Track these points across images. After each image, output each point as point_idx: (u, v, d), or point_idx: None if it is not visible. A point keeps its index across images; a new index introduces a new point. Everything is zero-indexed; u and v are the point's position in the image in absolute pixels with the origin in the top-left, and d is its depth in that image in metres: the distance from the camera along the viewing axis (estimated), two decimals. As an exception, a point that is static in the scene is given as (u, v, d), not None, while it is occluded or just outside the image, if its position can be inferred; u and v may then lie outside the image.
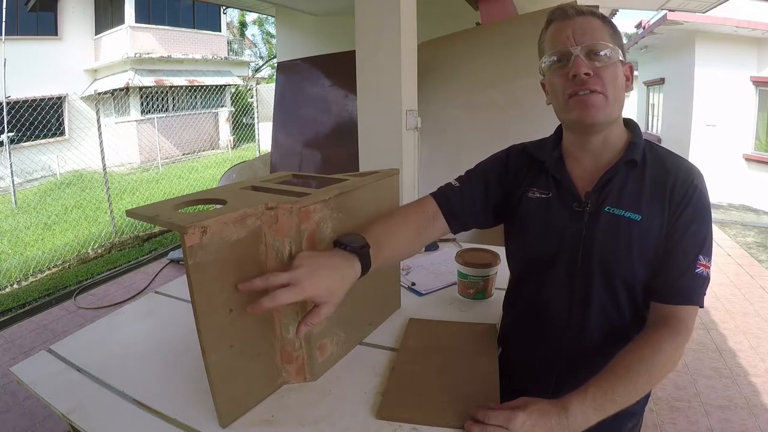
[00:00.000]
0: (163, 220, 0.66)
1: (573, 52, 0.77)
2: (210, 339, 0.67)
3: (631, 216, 0.78)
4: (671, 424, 2.06)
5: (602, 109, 0.77)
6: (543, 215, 0.86)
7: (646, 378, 0.70)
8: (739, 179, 6.93)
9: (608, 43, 0.77)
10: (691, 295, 0.76)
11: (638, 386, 0.69)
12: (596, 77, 0.76)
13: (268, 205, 0.72)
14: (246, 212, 0.69)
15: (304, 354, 0.81)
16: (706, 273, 0.77)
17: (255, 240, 0.72)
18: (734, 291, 3.44)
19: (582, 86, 0.77)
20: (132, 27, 10.88)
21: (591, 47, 0.76)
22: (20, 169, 8.15)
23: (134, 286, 3.84)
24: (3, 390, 2.38)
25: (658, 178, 0.79)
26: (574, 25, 0.78)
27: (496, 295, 1.15)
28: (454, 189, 0.93)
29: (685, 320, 0.75)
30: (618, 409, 0.68)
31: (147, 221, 0.69)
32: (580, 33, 0.77)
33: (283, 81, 4.41)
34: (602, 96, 0.77)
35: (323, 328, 0.84)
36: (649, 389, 0.73)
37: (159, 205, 0.75)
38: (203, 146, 12.57)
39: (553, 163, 0.87)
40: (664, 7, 4.87)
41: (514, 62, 2.87)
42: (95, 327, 1.07)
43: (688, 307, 0.76)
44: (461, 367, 0.86)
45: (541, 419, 0.66)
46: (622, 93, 0.80)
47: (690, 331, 0.75)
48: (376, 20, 2.13)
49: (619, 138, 0.83)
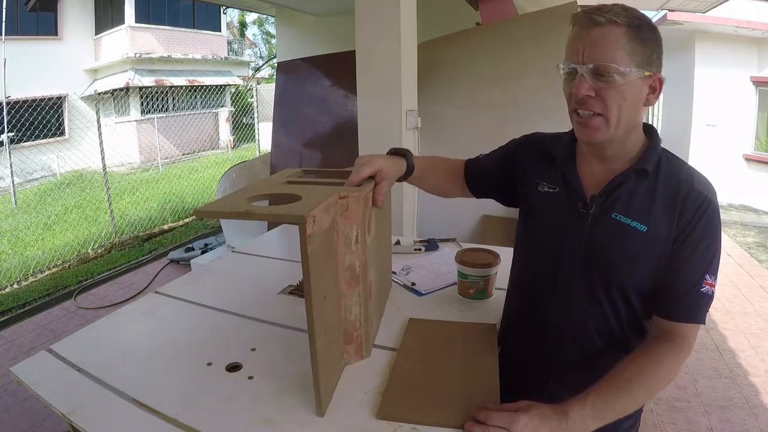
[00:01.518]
0: (273, 213, 0.71)
1: (579, 71, 0.74)
2: (316, 327, 0.69)
3: (637, 226, 0.77)
4: (671, 424, 2.06)
5: (601, 132, 0.76)
6: (551, 210, 0.87)
7: (645, 390, 0.71)
8: (739, 179, 6.92)
9: (619, 65, 0.71)
10: (696, 314, 0.76)
11: (637, 397, 0.71)
12: (598, 99, 0.73)
13: (341, 194, 0.78)
14: (329, 202, 0.74)
15: (363, 333, 0.86)
16: (711, 292, 0.76)
17: (331, 228, 0.77)
18: (734, 291, 3.44)
19: (582, 107, 0.75)
20: (132, 27, 10.87)
21: (597, 68, 0.72)
22: (20, 169, 8.15)
23: (134, 286, 3.84)
24: (3, 390, 2.38)
25: (670, 190, 0.77)
26: (587, 38, 0.73)
27: (496, 295, 1.15)
28: (479, 159, 1.06)
29: (687, 337, 0.76)
30: (616, 418, 0.70)
31: (243, 218, 0.69)
32: (590, 49, 0.72)
33: (283, 81, 4.41)
34: (602, 119, 0.74)
35: (371, 306, 0.91)
36: (647, 400, 0.75)
37: (231, 199, 0.78)
38: (203, 146, 12.56)
39: (564, 159, 0.87)
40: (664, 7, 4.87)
41: (514, 62, 2.87)
42: (95, 327, 1.07)
43: (691, 325, 0.76)
44: (461, 367, 0.86)
45: (542, 423, 0.66)
46: (634, 111, 0.76)
47: (691, 347, 0.76)
48: (376, 20, 2.13)
49: (635, 145, 0.81)
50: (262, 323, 1.06)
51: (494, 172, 1.01)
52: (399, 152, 0.97)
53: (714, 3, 4.19)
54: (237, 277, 1.34)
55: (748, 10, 6.51)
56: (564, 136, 0.91)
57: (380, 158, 0.91)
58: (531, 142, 0.96)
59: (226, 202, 0.76)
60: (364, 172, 0.87)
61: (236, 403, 0.78)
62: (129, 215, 5.90)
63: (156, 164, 9.98)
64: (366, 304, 0.87)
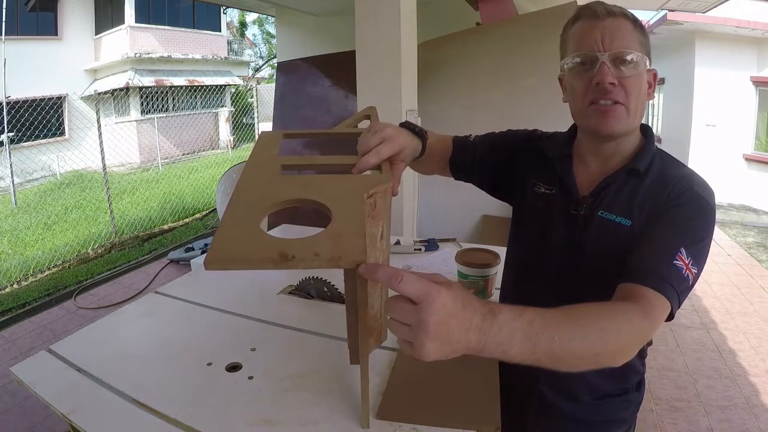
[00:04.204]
0: (322, 258, 0.54)
1: (600, 58, 0.72)
2: (363, 342, 0.66)
3: (621, 221, 0.76)
4: (671, 424, 2.06)
5: (623, 121, 0.75)
6: (545, 211, 0.86)
7: (597, 336, 0.56)
8: (739, 179, 6.92)
9: (637, 51, 0.72)
10: (663, 284, 0.64)
11: (586, 339, 0.55)
12: (620, 87, 0.73)
13: (369, 193, 0.65)
14: (365, 215, 0.64)
15: (382, 322, 0.82)
16: (686, 274, 0.66)
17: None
18: (734, 291, 3.44)
19: (605, 95, 0.73)
20: (132, 27, 10.87)
21: (619, 54, 0.72)
22: (20, 169, 8.14)
23: (134, 286, 3.84)
24: (3, 390, 2.38)
25: (657, 186, 0.76)
26: (603, 27, 0.73)
27: (496, 295, 1.15)
28: (468, 142, 0.99)
29: (653, 306, 0.63)
30: (550, 355, 0.53)
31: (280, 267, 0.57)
32: (610, 37, 0.72)
33: (283, 81, 4.41)
34: (624, 108, 0.74)
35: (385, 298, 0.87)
36: (596, 351, 0.57)
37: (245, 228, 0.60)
38: (203, 146, 12.56)
39: (561, 161, 0.86)
40: (664, 7, 4.87)
41: (514, 62, 2.87)
42: (95, 327, 1.07)
43: (657, 294, 0.64)
44: (461, 367, 0.86)
45: (463, 311, 0.50)
46: (644, 103, 0.76)
47: (656, 321, 0.63)
48: (376, 20, 2.13)
49: (631, 145, 0.80)
50: (262, 323, 1.06)
51: (487, 160, 0.97)
52: (416, 131, 0.84)
53: (714, 3, 4.19)
54: (237, 277, 1.34)
55: (748, 10, 6.51)
56: (559, 137, 0.91)
57: (401, 134, 0.77)
58: (531, 139, 0.95)
59: (246, 241, 0.58)
60: (383, 152, 0.72)
61: (236, 403, 0.78)
62: (129, 215, 5.90)
63: (156, 164, 9.98)
64: (386, 297, 0.85)
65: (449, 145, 1.00)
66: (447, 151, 0.99)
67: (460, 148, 0.99)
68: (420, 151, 0.85)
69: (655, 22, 7.49)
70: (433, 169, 1.02)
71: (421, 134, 0.85)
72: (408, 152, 0.79)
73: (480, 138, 1.00)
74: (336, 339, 0.98)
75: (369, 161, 0.71)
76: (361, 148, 0.73)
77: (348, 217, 0.59)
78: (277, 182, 0.69)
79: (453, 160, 0.98)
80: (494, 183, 0.99)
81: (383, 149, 0.72)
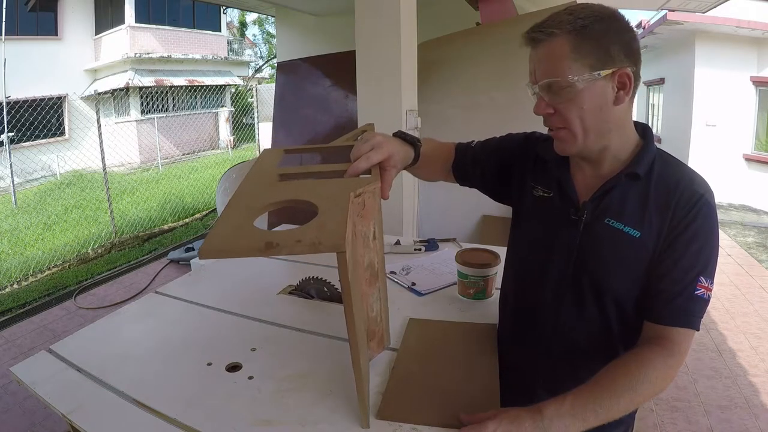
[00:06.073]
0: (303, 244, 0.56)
1: (534, 90, 0.76)
2: (360, 351, 0.67)
3: (630, 231, 0.75)
4: (671, 424, 2.06)
5: (570, 143, 0.76)
6: (544, 215, 0.86)
7: (631, 394, 0.66)
8: (739, 179, 6.92)
9: (567, 76, 0.70)
10: (688, 318, 0.71)
11: (622, 401, 0.66)
12: (558, 114, 0.74)
13: (356, 192, 0.68)
14: (350, 211, 0.66)
15: (383, 326, 0.84)
16: (707, 296, 0.71)
17: (353, 235, 0.70)
18: (734, 291, 3.44)
19: (546, 123, 0.78)
20: (132, 27, 10.88)
21: (549, 85, 0.72)
22: (20, 169, 8.14)
23: (134, 286, 3.84)
24: (3, 390, 2.38)
25: (663, 192, 0.74)
26: (536, 56, 0.74)
27: (496, 295, 1.15)
28: (469, 148, 1.00)
29: (679, 343, 0.70)
30: (600, 422, 0.65)
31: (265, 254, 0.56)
32: (539, 68, 0.74)
33: (283, 81, 4.41)
34: (567, 131, 0.75)
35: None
36: (634, 406, 0.69)
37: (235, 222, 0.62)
38: (203, 146, 12.57)
39: (558, 164, 0.86)
40: (664, 7, 4.87)
41: (514, 62, 2.86)
42: (95, 327, 1.07)
43: (683, 330, 0.71)
44: (461, 367, 0.86)
45: (512, 425, 0.64)
46: (601, 116, 0.73)
47: (684, 354, 0.70)
48: (376, 20, 2.13)
49: (625, 147, 0.78)
50: (262, 323, 1.06)
51: (488, 165, 0.97)
52: (407, 139, 0.87)
53: (714, 3, 4.19)
54: (237, 277, 1.34)
55: (748, 10, 6.51)
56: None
57: (390, 141, 0.81)
58: (529, 141, 0.95)
59: (236, 234, 0.59)
60: (373, 158, 0.75)
61: (236, 403, 0.78)
62: (129, 215, 5.90)
63: (156, 164, 9.98)
64: (385, 298, 0.85)
65: (451, 151, 1.01)
66: (449, 158, 1.01)
67: (462, 154, 1.00)
68: (412, 158, 0.88)
69: (655, 22, 7.50)
70: (436, 176, 1.04)
71: (413, 142, 0.88)
72: (398, 158, 0.81)
73: (480, 143, 1.01)
74: (336, 339, 0.98)
75: (359, 166, 0.74)
76: (353, 155, 0.77)
77: (333, 211, 0.62)
78: (272, 187, 0.73)
79: (455, 166, 1.00)
80: (495, 187, 0.99)
81: (373, 155, 0.76)
